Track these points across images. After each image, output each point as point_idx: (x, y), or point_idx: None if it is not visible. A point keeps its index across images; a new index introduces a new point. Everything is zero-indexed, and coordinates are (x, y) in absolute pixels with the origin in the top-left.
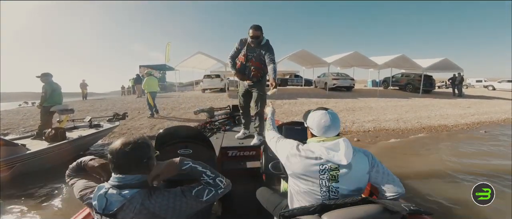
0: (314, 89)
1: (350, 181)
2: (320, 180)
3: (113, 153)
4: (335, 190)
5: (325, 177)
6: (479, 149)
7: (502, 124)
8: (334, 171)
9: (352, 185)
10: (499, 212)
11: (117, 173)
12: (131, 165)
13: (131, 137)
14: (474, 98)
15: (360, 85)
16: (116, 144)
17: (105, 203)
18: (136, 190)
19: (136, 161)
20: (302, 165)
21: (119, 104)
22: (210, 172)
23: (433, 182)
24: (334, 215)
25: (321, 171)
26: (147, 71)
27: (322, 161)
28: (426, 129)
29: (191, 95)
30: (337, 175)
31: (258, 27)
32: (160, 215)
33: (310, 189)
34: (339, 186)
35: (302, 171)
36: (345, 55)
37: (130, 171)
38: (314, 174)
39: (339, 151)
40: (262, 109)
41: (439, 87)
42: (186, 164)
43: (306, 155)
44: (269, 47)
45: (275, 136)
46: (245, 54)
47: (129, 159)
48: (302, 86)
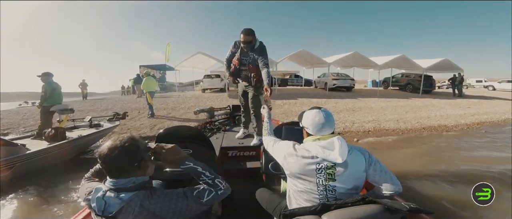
0: (314, 89)
1: (347, 180)
2: (317, 179)
3: (101, 158)
4: (332, 189)
5: (322, 176)
6: (479, 149)
7: (502, 124)
8: (330, 170)
9: (350, 183)
10: (499, 212)
11: (110, 177)
12: (120, 170)
13: (117, 140)
14: (474, 98)
15: (360, 85)
16: (103, 149)
17: (104, 205)
18: (135, 192)
19: (126, 166)
20: (299, 165)
21: (119, 104)
22: (209, 173)
23: (432, 181)
24: (334, 215)
25: (317, 170)
26: (146, 71)
27: (318, 160)
28: (426, 129)
29: (191, 95)
30: (333, 173)
31: (250, 31)
32: (160, 216)
33: (308, 188)
34: (336, 185)
35: (299, 170)
36: (345, 55)
37: (121, 175)
38: (311, 173)
39: (334, 150)
40: (258, 109)
41: (439, 87)
42: (187, 164)
43: (302, 154)
44: (262, 51)
45: (272, 140)
46: (239, 58)
47: (117, 164)
48: (302, 86)
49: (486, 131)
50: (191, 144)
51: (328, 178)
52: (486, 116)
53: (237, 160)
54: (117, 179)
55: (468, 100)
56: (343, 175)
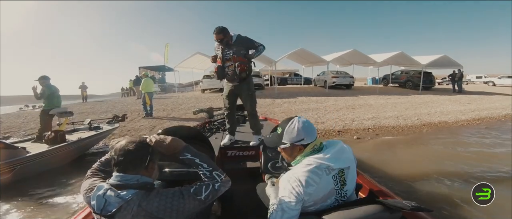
0: (314, 88)
1: (352, 180)
2: (336, 190)
3: (116, 150)
4: (344, 194)
5: (338, 185)
6: (479, 145)
7: (503, 120)
8: (342, 176)
9: (353, 183)
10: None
11: (117, 171)
12: (130, 164)
13: (136, 137)
14: (474, 94)
15: (360, 83)
16: (121, 142)
17: (103, 203)
18: (134, 192)
19: (136, 160)
20: (321, 187)
21: (119, 106)
22: (207, 165)
23: (431, 181)
24: (334, 215)
25: (335, 183)
26: (144, 72)
27: (334, 172)
28: (426, 126)
29: (191, 95)
30: (344, 179)
31: (220, 29)
32: (158, 216)
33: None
34: (347, 189)
35: (323, 193)
36: (344, 53)
37: (129, 170)
38: (331, 190)
39: (344, 153)
40: (254, 109)
41: (439, 84)
42: (185, 155)
43: (317, 176)
44: (243, 39)
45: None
46: (220, 56)
47: (129, 157)
48: (301, 84)
49: (487, 127)
50: (190, 144)
51: (342, 185)
52: (486, 112)
53: (236, 160)
54: (124, 174)
55: (468, 96)
56: (349, 177)
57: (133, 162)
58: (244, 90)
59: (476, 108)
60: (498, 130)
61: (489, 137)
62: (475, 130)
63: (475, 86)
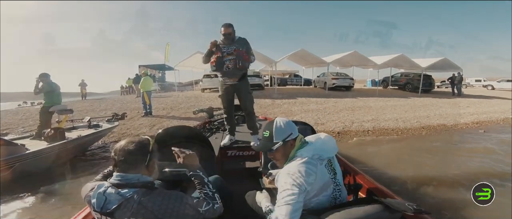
0: (314, 89)
1: (338, 167)
2: (331, 179)
3: (116, 150)
4: (338, 182)
5: (332, 175)
6: (477, 148)
7: (501, 123)
8: (331, 166)
9: (340, 170)
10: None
11: (118, 171)
12: (131, 164)
13: (136, 137)
14: (473, 98)
15: (360, 85)
16: (121, 143)
17: (103, 201)
18: (135, 190)
19: (137, 160)
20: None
21: (119, 104)
22: (212, 186)
23: (431, 181)
24: (334, 215)
25: (328, 172)
26: (144, 71)
27: (325, 162)
28: (425, 128)
29: (191, 94)
30: (334, 168)
31: (229, 24)
32: (157, 216)
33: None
34: (338, 178)
35: (321, 182)
36: (344, 55)
37: (129, 169)
38: (328, 180)
39: (329, 143)
40: (251, 108)
41: (439, 87)
42: (198, 172)
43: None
44: (244, 41)
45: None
46: (220, 51)
47: (130, 156)
48: (301, 85)
49: (485, 131)
50: (190, 144)
51: (334, 174)
52: (485, 115)
53: (236, 160)
54: (125, 173)
55: (467, 100)
56: (335, 164)
57: (134, 162)
58: (244, 88)
59: (475, 111)
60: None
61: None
62: (473, 133)
63: (474, 89)
